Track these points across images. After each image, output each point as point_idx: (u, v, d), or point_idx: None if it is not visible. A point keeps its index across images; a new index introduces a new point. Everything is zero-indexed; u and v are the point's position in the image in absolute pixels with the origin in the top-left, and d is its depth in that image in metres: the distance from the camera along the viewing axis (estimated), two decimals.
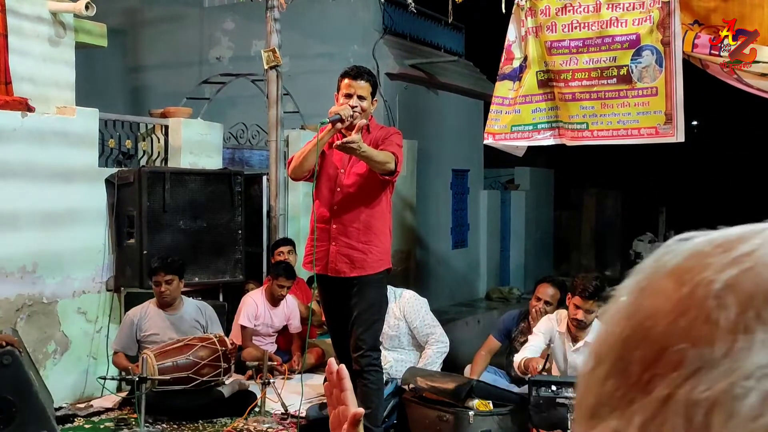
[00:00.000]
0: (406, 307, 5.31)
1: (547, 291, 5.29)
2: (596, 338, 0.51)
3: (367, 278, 4.12)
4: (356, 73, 4.10)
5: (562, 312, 4.90)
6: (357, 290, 4.13)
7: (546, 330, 4.91)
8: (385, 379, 4.78)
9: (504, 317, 5.64)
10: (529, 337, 5.02)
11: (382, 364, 4.94)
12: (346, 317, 4.19)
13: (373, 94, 4.13)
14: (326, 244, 4.15)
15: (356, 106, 4.02)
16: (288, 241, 6.77)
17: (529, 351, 4.86)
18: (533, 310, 5.34)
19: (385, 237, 4.19)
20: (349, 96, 4.07)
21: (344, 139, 3.80)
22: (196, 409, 4.84)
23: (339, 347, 4.33)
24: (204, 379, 4.82)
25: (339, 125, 4.00)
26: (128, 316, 5.23)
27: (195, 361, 4.79)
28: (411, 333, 5.36)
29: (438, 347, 5.28)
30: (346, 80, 4.09)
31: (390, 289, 5.39)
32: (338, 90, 4.13)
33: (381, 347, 5.20)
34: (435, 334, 5.34)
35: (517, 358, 4.87)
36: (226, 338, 5.06)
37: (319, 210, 4.21)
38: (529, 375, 4.62)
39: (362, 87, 4.07)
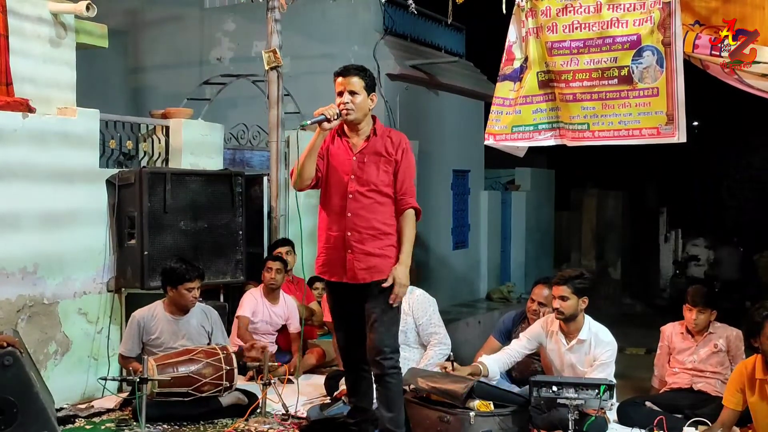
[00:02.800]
0: (414, 304, 5.32)
1: (541, 292, 5.30)
2: None
3: (385, 281, 4.01)
4: (343, 70, 4.06)
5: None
6: (375, 294, 4.02)
7: (533, 335, 4.93)
8: None
9: (504, 318, 5.65)
10: (513, 340, 5.06)
11: None
12: (360, 321, 4.11)
13: (368, 89, 4.05)
14: (342, 253, 4.05)
15: (347, 102, 4.00)
16: (287, 242, 6.76)
17: (503, 353, 4.96)
18: (529, 312, 5.36)
19: (399, 242, 4.09)
20: (340, 94, 4.03)
21: (395, 298, 3.98)
22: (194, 417, 4.83)
23: (346, 351, 4.25)
24: (202, 395, 4.79)
25: (326, 125, 3.96)
26: (134, 317, 5.21)
27: (197, 378, 4.74)
28: (417, 330, 5.38)
29: (440, 349, 5.28)
30: (339, 79, 4.05)
31: None
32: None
33: None
34: (439, 334, 5.34)
35: (487, 358, 4.93)
36: (231, 352, 4.98)
37: (330, 218, 4.11)
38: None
39: (352, 82, 4.01)
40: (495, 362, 4.89)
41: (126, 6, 11.18)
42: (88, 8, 5.46)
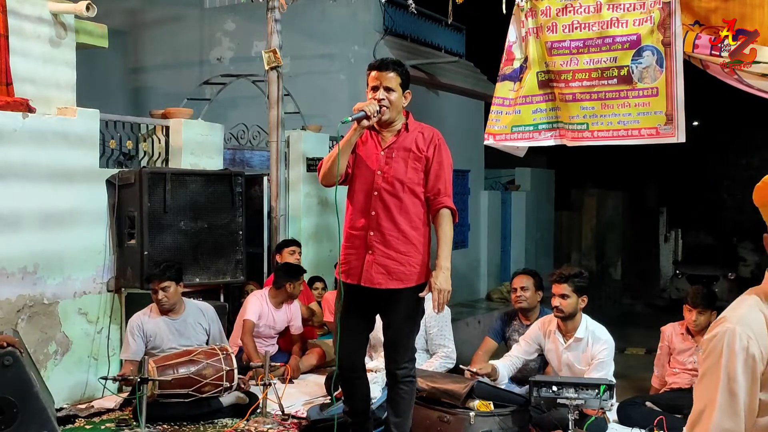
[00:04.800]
0: (428, 311, 5.30)
1: (520, 280, 5.33)
2: None
3: (404, 291, 3.86)
4: (381, 63, 3.85)
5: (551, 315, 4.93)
6: (393, 303, 3.88)
7: (532, 338, 4.94)
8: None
9: (496, 317, 5.70)
10: (514, 345, 5.07)
11: None
12: (364, 330, 4.05)
13: (403, 86, 3.85)
14: (362, 253, 3.85)
15: (383, 99, 3.79)
16: (294, 242, 6.78)
17: (506, 359, 4.95)
18: (515, 303, 5.38)
19: (423, 248, 3.90)
20: (375, 89, 3.81)
21: (440, 306, 3.80)
22: (195, 417, 4.83)
23: (344, 356, 4.03)
24: (203, 396, 4.79)
25: (365, 122, 3.75)
26: (132, 322, 5.19)
27: (198, 379, 4.73)
28: (426, 338, 5.37)
29: (444, 361, 5.28)
30: (373, 72, 3.83)
31: None
32: (368, 86, 3.89)
33: None
34: (447, 347, 5.34)
35: (496, 363, 4.94)
36: (231, 352, 4.95)
37: (353, 216, 3.90)
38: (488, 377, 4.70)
39: (389, 78, 3.80)
40: (504, 368, 4.89)
41: (126, 6, 11.18)
42: (88, 8, 5.46)
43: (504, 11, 5.32)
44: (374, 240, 3.84)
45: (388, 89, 3.81)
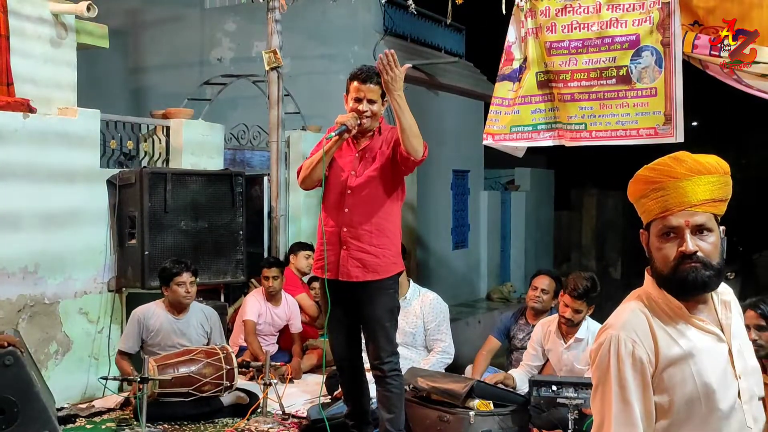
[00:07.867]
0: (426, 308, 5.35)
1: (543, 281, 5.33)
2: None
3: (380, 283, 4.00)
4: (365, 76, 3.98)
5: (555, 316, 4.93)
6: (370, 296, 4.00)
7: (537, 341, 4.95)
8: None
9: (502, 316, 5.69)
10: (524, 353, 5.06)
11: None
12: (354, 322, 4.12)
13: (383, 95, 3.99)
14: (337, 248, 4.01)
15: (366, 111, 3.95)
16: (311, 247, 6.80)
17: (522, 368, 4.96)
18: (530, 301, 5.37)
19: (396, 239, 4.08)
20: (358, 100, 3.97)
21: (390, 75, 3.73)
22: (195, 416, 4.84)
23: (340, 352, 4.21)
24: (203, 395, 4.80)
25: (346, 135, 3.94)
26: (135, 313, 5.19)
27: (198, 378, 4.74)
28: (425, 332, 5.40)
29: (442, 356, 5.30)
30: (355, 83, 3.98)
31: (415, 287, 5.47)
32: (347, 92, 4.03)
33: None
34: (444, 342, 5.36)
35: (513, 373, 4.95)
36: (231, 351, 4.98)
37: (328, 214, 4.07)
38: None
39: (372, 90, 3.96)
40: (520, 378, 4.91)
41: (126, 6, 11.18)
42: (88, 9, 5.48)
43: (504, 11, 5.33)
44: (347, 236, 4.00)
45: (370, 101, 3.98)
